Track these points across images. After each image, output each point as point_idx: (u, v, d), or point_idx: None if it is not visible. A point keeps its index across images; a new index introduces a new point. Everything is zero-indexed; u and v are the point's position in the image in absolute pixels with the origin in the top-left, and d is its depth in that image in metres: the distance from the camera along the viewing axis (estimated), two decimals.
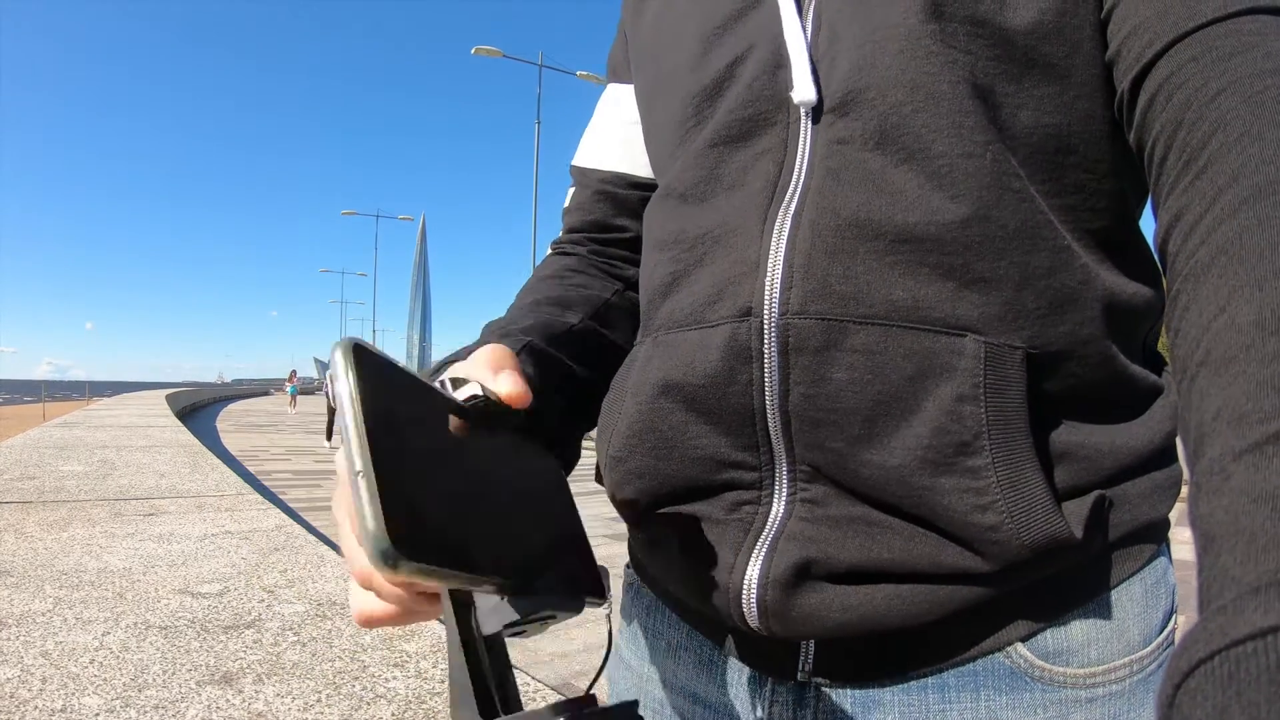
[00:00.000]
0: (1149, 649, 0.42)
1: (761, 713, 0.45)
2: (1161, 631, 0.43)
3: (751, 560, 0.40)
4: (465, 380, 0.33)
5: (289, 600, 2.44)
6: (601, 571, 0.33)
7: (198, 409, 24.90)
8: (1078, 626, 0.40)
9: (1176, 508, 0.43)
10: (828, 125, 0.40)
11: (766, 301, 0.39)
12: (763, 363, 0.39)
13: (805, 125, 0.41)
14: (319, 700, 1.70)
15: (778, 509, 0.41)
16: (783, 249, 0.39)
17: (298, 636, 2.11)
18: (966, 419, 0.36)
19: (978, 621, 0.40)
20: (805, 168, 0.41)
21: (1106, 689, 0.40)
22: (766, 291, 0.39)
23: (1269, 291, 0.25)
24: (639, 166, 0.57)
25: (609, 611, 0.35)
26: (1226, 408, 0.24)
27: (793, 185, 0.41)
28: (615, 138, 0.58)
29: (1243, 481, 0.22)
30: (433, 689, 1.79)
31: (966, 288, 0.37)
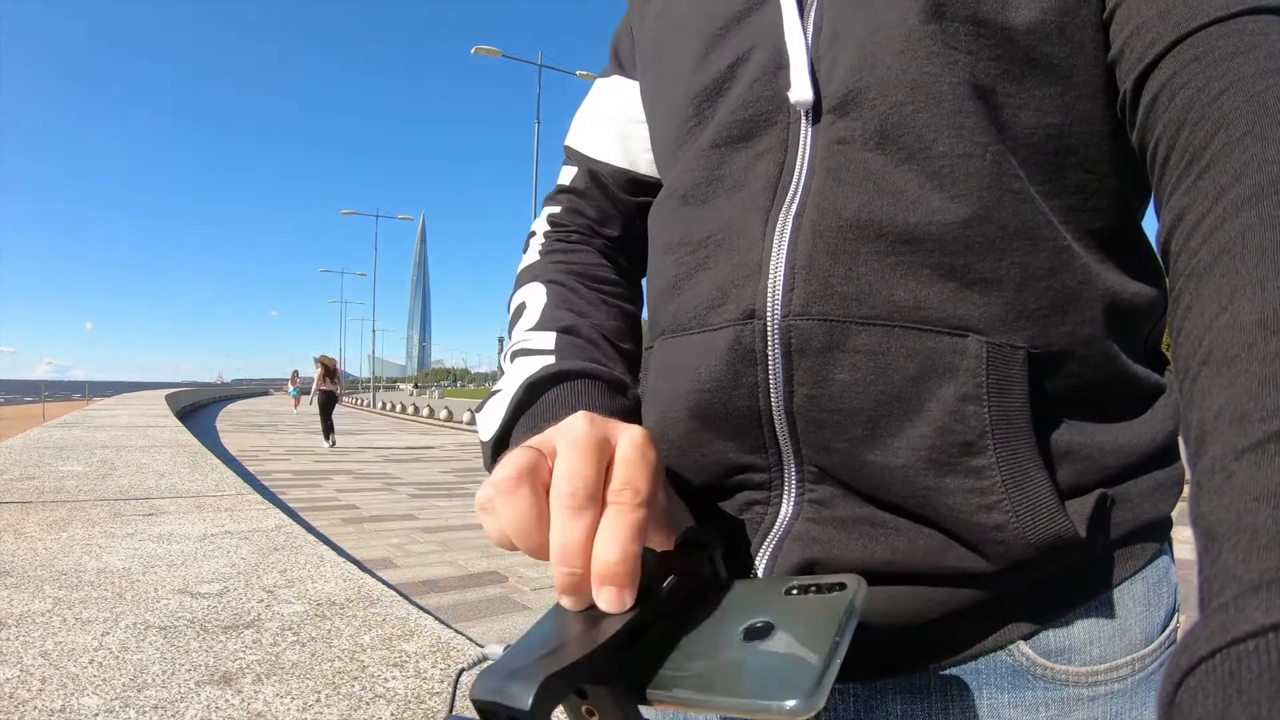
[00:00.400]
0: (1151, 647, 0.42)
1: None
2: (1163, 630, 0.43)
3: (757, 560, 0.41)
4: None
5: (288, 600, 2.44)
6: None
7: (197, 409, 24.88)
8: (1080, 625, 0.41)
9: (1177, 506, 0.43)
10: (828, 125, 0.40)
11: (769, 304, 0.39)
12: (767, 365, 0.39)
13: (805, 126, 0.41)
14: (318, 700, 1.70)
15: (786, 510, 0.41)
16: (784, 251, 0.39)
17: (297, 636, 2.11)
18: (970, 419, 0.36)
19: (980, 620, 0.40)
20: (806, 168, 0.41)
21: (1108, 687, 0.40)
22: (769, 294, 0.39)
23: (1271, 291, 0.25)
24: (639, 164, 0.57)
25: None
26: (1228, 406, 0.24)
27: (793, 186, 0.41)
28: (616, 132, 0.58)
29: (1244, 480, 0.22)
30: (432, 689, 1.79)
31: (968, 288, 0.37)
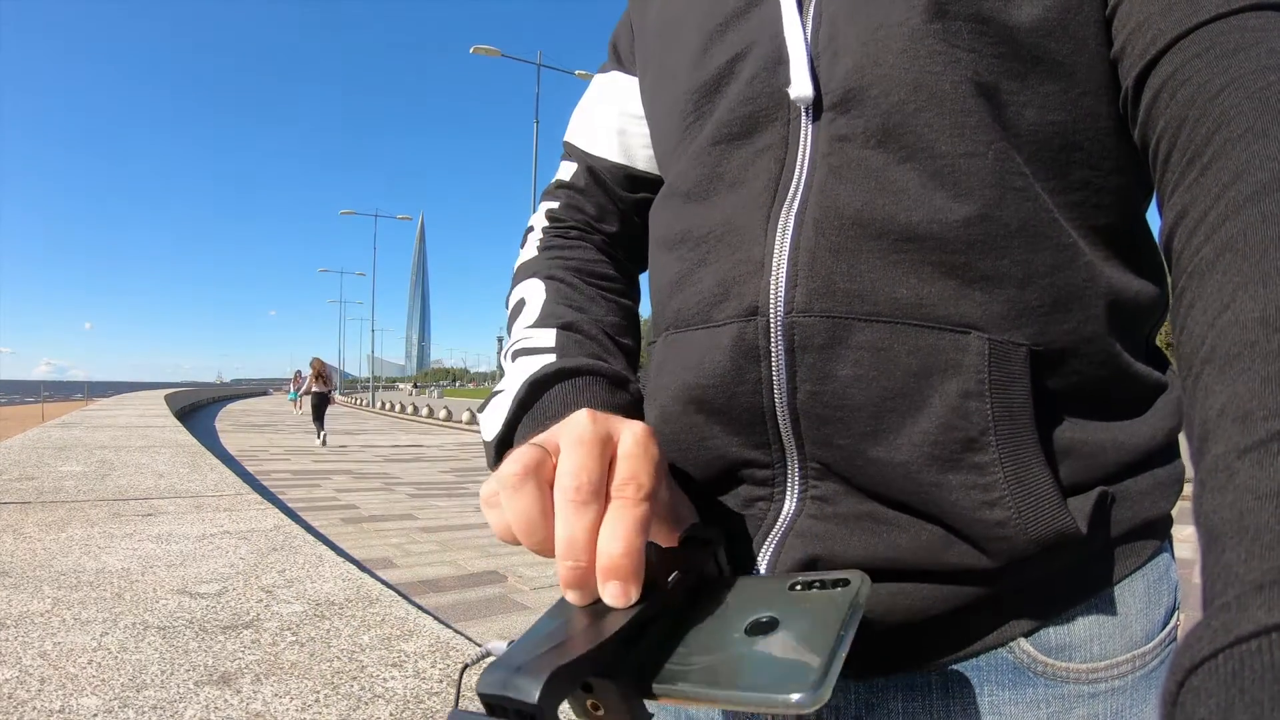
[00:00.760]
0: (1151, 645, 0.42)
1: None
2: (1164, 627, 0.43)
3: (760, 556, 0.41)
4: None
5: (287, 600, 2.44)
6: None
7: (196, 409, 24.88)
8: (1081, 622, 0.41)
9: (1177, 505, 0.43)
10: (828, 122, 0.40)
11: (772, 300, 0.39)
12: (770, 361, 0.39)
13: (805, 122, 0.41)
14: (317, 700, 1.70)
15: (789, 506, 0.41)
16: (787, 247, 0.39)
17: (296, 636, 2.10)
18: (972, 415, 0.36)
19: (981, 617, 0.40)
20: (807, 165, 0.41)
21: (1109, 684, 0.40)
22: (772, 290, 0.39)
23: (1274, 288, 0.25)
24: (637, 160, 0.57)
25: None
26: (1231, 405, 0.24)
27: (795, 183, 0.41)
28: (614, 127, 0.58)
29: (1247, 479, 0.22)
30: (430, 689, 1.79)
31: (970, 286, 0.37)
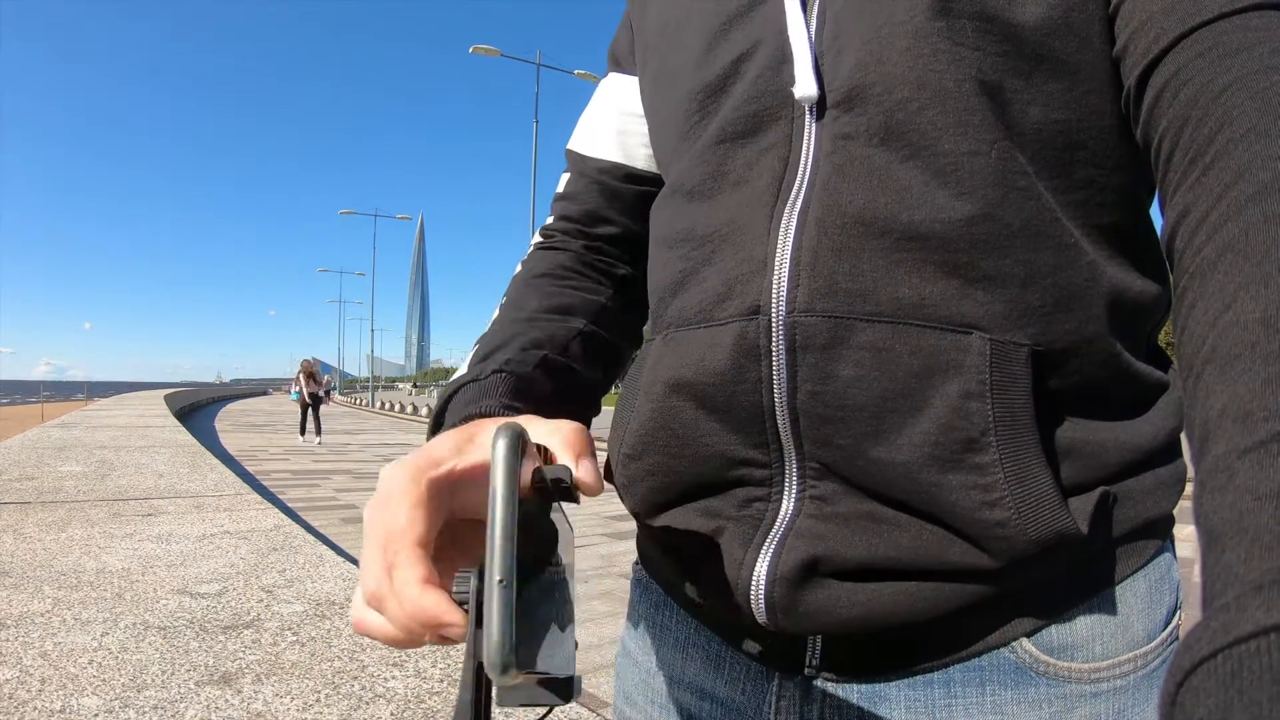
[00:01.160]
0: (1153, 644, 0.42)
1: (769, 707, 0.45)
2: (1165, 627, 0.43)
3: (760, 557, 0.40)
4: (555, 462, 0.33)
5: (288, 600, 2.44)
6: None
7: (196, 409, 24.87)
8: (1083, 622, 0.41)
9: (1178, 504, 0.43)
10: (832, 121, 0.40)
11: (774, 300, 0.39)
12: (771, 360, 0.39)
13: (809, 121, 0.41)
14: (318, 700, 1.70)
15: (787, 506, 0.41)
16: (789, 247, 0.39)
17: (296, 636, 2.10)
18: (973, 416, 0.36)
19: (983, 617, 0.40)
20: (810, 164, 0.41)
21: (1111, 684, 0.40)
22: (774, 290, 0.39)
23: (1275, 289, 0.25)
24: (635, 159, 0.57)
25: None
26: (1231, 405, 0.24)
27: (798, 182, 0.41)
28: (612, 128, 0.58)
29: (1247, 479, 0.22)
30: (431, 688, 1.79)
31: (972, 285, 0.37)
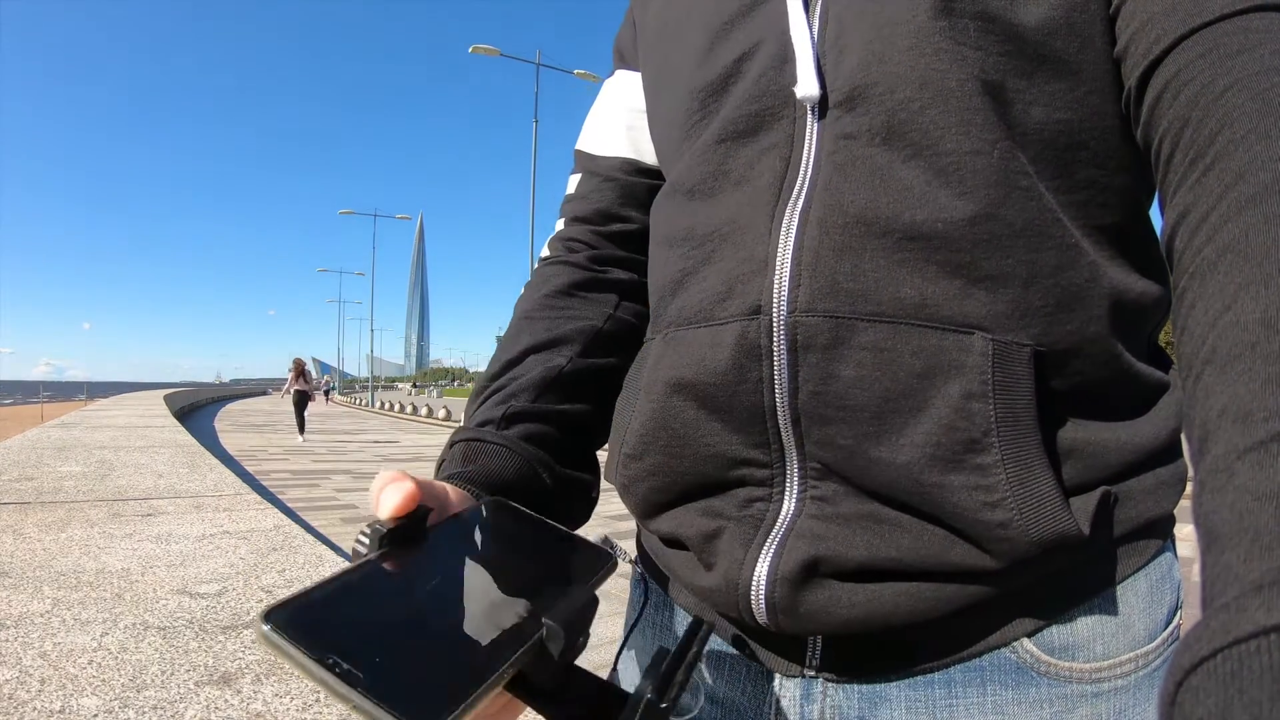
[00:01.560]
0: (1154, 644, 0.42)
1: (769, 708, 0.45)
2: (1166, 626, 0.43)
3: (761, 557, 0.40)
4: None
5: None
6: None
7: (196, 409, 24.86)
8: (1083, 622, 0.41)
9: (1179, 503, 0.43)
10: (834, 120, 0.40)
11: (775, 299, 0.39)
12: (772, 360, 0.39)
13: (811, 121, 0.41)
14: (318, 700, 1.70)
15: (788, 506, 0.41)
16: (791, 246, 0.39)
17: None
18: (975, 416, 0.36)
19: (984, 617, 0.40)
20: (812, 164, 0.41)
21: (1112, 684, 0.40)
22: (775, 289, 0.39)
23: (1275, 289, 0.25)
24: (645, 154, 0.57)
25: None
26: (1231, 405, 0.24)
27: (800, 181, 0.41)
28: (621, 124, 0.58)
29: (1247, 479, 0.22)
30: None
31: (974, 285, 0.37)
